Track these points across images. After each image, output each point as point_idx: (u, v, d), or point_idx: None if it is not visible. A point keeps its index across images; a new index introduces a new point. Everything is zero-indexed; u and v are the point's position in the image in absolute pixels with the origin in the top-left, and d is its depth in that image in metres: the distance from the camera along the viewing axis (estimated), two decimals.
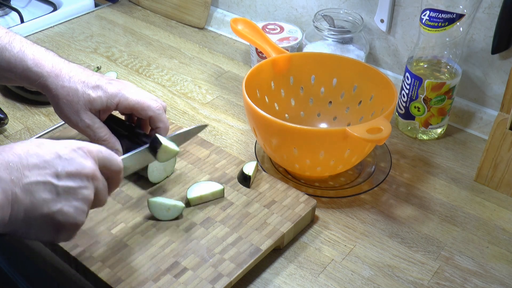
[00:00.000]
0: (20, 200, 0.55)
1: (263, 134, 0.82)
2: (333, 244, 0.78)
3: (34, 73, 0.76)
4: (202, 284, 0.67)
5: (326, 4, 1.12)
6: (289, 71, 0.93)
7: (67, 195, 0.58)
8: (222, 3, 1.31)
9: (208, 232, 0.74)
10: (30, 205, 0.56)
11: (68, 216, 0.58)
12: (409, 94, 0.94)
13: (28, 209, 0.56)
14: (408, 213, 0.83)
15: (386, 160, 0.90)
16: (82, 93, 0.77)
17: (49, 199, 0.57)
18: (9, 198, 0.54)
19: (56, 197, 0.57)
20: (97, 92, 0.77)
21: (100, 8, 1.39)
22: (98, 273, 0.68)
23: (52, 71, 0.77)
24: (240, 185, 0.82)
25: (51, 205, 0.57)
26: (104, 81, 0.79)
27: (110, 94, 0.78)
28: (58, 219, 0.57)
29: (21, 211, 0.55)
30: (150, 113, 0.79)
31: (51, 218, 0.57)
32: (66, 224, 0.58)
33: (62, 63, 0.79)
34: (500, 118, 0.84)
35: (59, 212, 0.57)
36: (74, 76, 0.77)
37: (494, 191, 0.88)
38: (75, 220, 0.59)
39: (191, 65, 1.18)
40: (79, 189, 0.59)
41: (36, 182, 0.56)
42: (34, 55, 0.77)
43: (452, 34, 0.89)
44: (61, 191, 0.57)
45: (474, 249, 0.78)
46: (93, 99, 0.77)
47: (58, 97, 0.77)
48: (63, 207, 0.57)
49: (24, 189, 0.55)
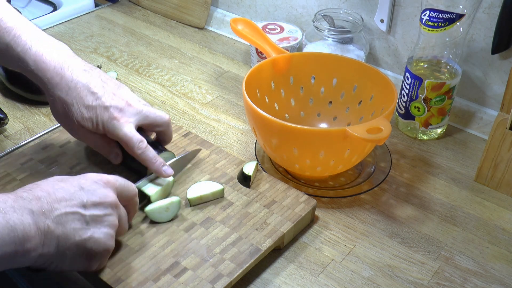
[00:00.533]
0: (52, 231, 0.58)
1: (263, 134, 0.82)
2: (333, 244, 0.78)
3: (36, 75, 0.75)
4: (202, 284, 0.67)
5: (326, 4, 1.12)
6: (289, 71, 0.93)
7: (95, 223, 0.62)
8: (222, 3, 1.31)
9: (208, 232, 0.74)
10: (62, 235, 0.59)
11: (98, 242, 0.62)
12: (409, 94, 0.94)
13: (60, 239, 0.59)
14: (408, 213, 0.83)
15: (386, 160, 0.90)
16: (76, 109, 0.75)
17: (79, 228, 0.60)
18: (41, 230, 0.57)
19: (85, 225, 0.61)
20: (89, 112, 0.75)
21: (100, 8, 1.39)
22: (98, 273, 0.68)
23: (52, 78, 0.74)
24: (240, 185, 0.82)
25: (81, 233, 0.60)
26: (101, 101, 0.75)
27: (101, 121, 0.75)
28: (90, 246, 0.61)
29: (53, 241, 0.59)
30: (157, 129, 0.81)
31: (83, 246, 0.61)
32: (97, 250, 0.62)
33: (62, 70, 0.75)
34: (500, 118, 0.84)
35: (90, 239, 0.61)
36: (73, 88, 0.75)
37: (494, 191, 0.88)
38: (105, 245, 0.63)
39: (191, 65, 1.18)
40: (105, 216, 0.63)
41: (65, 213, 0.60)
42: (36, 57, 0.74)
43: (452, 34, 0.89)
44: (89, 219, 0.61)
45: (474, 249, 0.78)
46: (85, 119, 0.75)
47: (54, 105, 0.77)
48: (93, 234, 0.61)
49: (55, 220, 0.59)
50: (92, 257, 0.63)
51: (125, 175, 0.73)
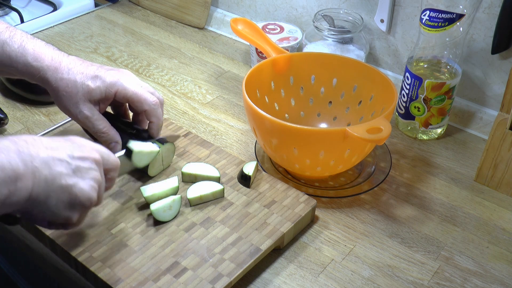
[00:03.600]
0: (39, 170, 0.59)
1: (263, 134, 0.82)
2: (333, 244, 0.78)
3: (34, 68, 0.77)
4: (202, 284, 0.67)
5: (326, 4, 1.12)
6: (289, 71, 0.93)
7: (80, 173, 0.62)
8: (222, 3, 1.31)
9: (208, 232, 0.74)
10: (49, 176, 0.59)
11: (83, 191, 0.62)
12: (409, 94, 0.94)
13: (48, 180, 0.59)
14: (408, 213, 0.83)
15: (386, 160, 0.90)
16: (81, 84, 0.78)
17: (65, 173, 0.61)
18: (29, 169, 0.58)
19: (71, 172, 0.61)
20: (96, 82, 0.78)
21: (100, 8, 1.39)
22: (98, 273, 0.68)
23: (51, 65, 0.78)
24: (240, 185, 0.82)
25: (67, 178, 0.61)
26: (103, 70, 0.80)
27: (109, 83, 0.79)
28: (75, 192, 0.61)
29: (41, 182, 0.59)
30: (146, 107, 0.80)
31: (69, 191, 0.61)
32: (82, 198, 0.62)
33: (61, 56, 0.79)
34: (500, 118, 0.84)
35: (75, 186, 0.61)
36: (73, 68, 0.78)
37: (494, 191, 0.88)
38: (89, 196, 0.63)
39: (191, 65, 1.18)
40: (90, 170, 0.63)
41: (52, 158, 0.60)
42: (34, 49, 0.78)
43: (452, 34, 0.89)
44: (75, 169, 0.62)
45: (474, 249, 0.78)
46: (92, 90, 0.78)
47: (58, 89, 0.78)
48: (78, 182, 0.62)
49: (42, 161, 0.59)
50: (74, 206, 0.62)
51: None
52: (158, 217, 0.75)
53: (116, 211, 0.76)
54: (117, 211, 0.76)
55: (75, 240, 0.72)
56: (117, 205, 0.77)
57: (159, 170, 0.83)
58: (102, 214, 0.76)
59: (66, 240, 0.72)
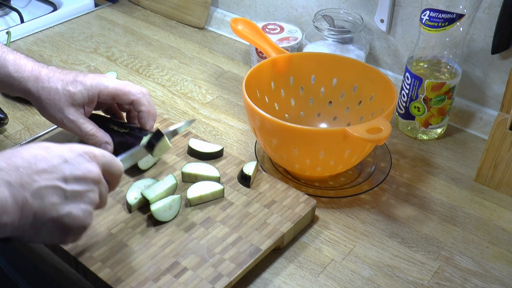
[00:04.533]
0: (29, 204, 0.56)
1: (263, 134, 0.82)
2: (333, 244, 0.78)
3: (15, 78, 0.78)
4: (202, 284, 0.67)
5: (326, 4, 1.12)
6: (289, 71, 0.93)
7: (74, 198, 0.60)
8: (222, 3, 1.31)
9: (208, 232, 0.74)
10: (39, 210, 0.57)
11: (76, 219, 0.60)
12: (409, 94, 0.94)
13: (37, 213, 0.57)
14: (408, 213, 0.83)
15: (386, 160, 0.90)
16: (62, 90, 0.78)
17: (58, 203, 0.58)
18: (19, 203, 0.55)
19: (64, 200, 0.59)
20: (77, 86, 0.79)
21: (100, 8, 1.39)
22: (98, 273, 0.68)
23: (32, 75, 0.79)
24: (240, 185, 0.82)
25: (59, 208, 0.58)
26: (81, 75, 0.81)
27: (90, 86, 0.80)
28: (67, 222, 0.59)
29: (30, 215, 0.57)
30: (132, 97, 0.81)
31: (60, 222, 0.59)
32: (74, 226, 0.60)
33: (40, 66, 0.80)
34: (500, 118, 0.84)
35: (67, 216, 0.59)
36: (53, 76, 0.79)
37: (494, 191, 0.88)
38: (82, 223, 0.61)
39: (191, 65, 1.18)
40: (86, 193, 0.61)
41: (45, 187, 0.57)
42: (15, 60, 0.79)
43: (452, 34, 0.89)
44: (69, 195, 0.59)
45: (474, 249, 0.78)
46: (73, 93, 0.79)
47: (40, 98, 0.79)
48: (71, 210, 0.59)
49: (34, 194, 0.57)
50: (67, 233, 0.61)
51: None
52: (158, 217, 0.74)
53: (116, 211, 0.76)
54: (117, 211, 0.76)
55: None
56: (117, 205, 0.77)
57: (150, 163, 0.84)
58: (102, 214, 0.76)
59: None
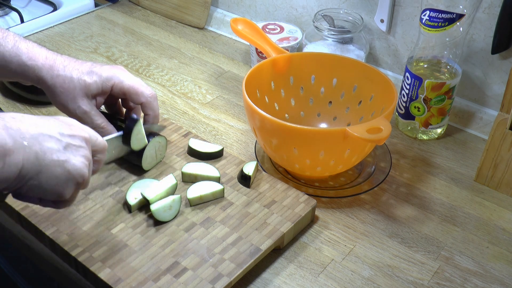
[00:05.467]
0: (29, 146, 0.58)
1: (263, 134, 0.82)
2: (333, 244, 0.78)
3: (29, 67, 0.78)
4: (202, 284, 0.67)
5: (326, 4, 1.12)
6: (289, 71, 0.93)
7: (71, 150, 0.62)
8: (222, 3, 1.31)
9: (208, 232, 0.74)
10: (40, 152, 0.59)
11: (75, 166, 0.61)
12: (409, 94, 0.94)
13: (38, 155, 0.59)
14: (408, 213, 0.83)
15: (386, 160, 0.90)
16: (77, 80, 0.78)
17: (56, 149, 0.60)
18: (18, 143, 0.57)
19: (62, 149, 0.61)
20: (92, 77, 0.79)
21: (100, 8, 1.39)
22: (98, 273, 0.68)
23: (46, 63, 0.78)
24: (240, 185, 0.82)
25: (59, 154, 0.60)
26: (98, 66, 0.81)
27: (105, 77, 0.80)
28: (68, 168, 0.61)
29: (31, 156, 0.58)
30: (142, 99, 0.81)
31: (61, 166, 0.60)
32: (74, 174, 0.61)
33: (54, 55, 0.80)
34: (500, 118, 0.84)
35: (67, 162, 0.61)
36: (68, 65, 0.79)
37: (494, 191, 0.88)
38: (82, 171, 0.62)
39: (191, 65, 1.18)
40: (80, 148, 0.63)
41: (42, 134, 0.60)
42: (28, 49, 0.78)
43: (452, 34, 0.89)
44: (66, 145, 0.61)
45: (474, 249, 0.78)
46: (89, 84, 0.79)
47: (54, 86, 0.78)
48: (70, 158, 0.61)
49: (32, 137, 0.59)
50: (67, 182, 0.61)
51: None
52: (158, 217, 0.75)
53: (116, 211, 0.76)
54: (117, 211, 0.76)
55: (75, 240, 0.72)
56: (117, 205, 0.77)
57: (153, 163, 0.84)
58: (102, 214, 0.76)
59: (66, 240, 0.72)
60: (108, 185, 0.80)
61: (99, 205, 0.77)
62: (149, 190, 0.77)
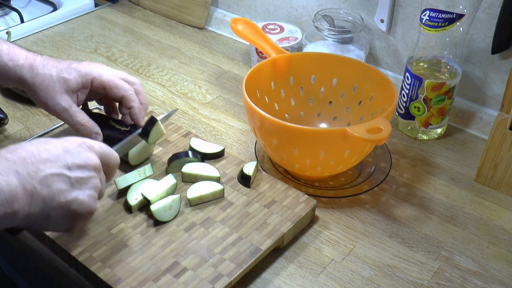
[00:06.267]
0: (38, 192, 0.59)
1: (263, 134, 0.82)
2: (333, 244, 0.78)
3: (9, 67, 0.79)
4: (202, 284, 0.67)
5: (326, 4, 1.12)
6: (289, 71, 0.93)
7: (79, 185, 0.62)
8: (222, 3, 1.31)
9: (208, 232, 0.74)
10: (48, 196, 0.60)
11: (83, 204, 0.62)
12: (409, 94, 0.94)
13: (46, 200, 0.60)
14: (408, 213, 0.83)
15: (386, 160, 0.90)
16: (56, 77, 0.79)
17: (64, 189, 0.61)
18: (28, 190, 0.58)
19: (70, 187, 0.62)
20: (71, 73, 0.80)
21: (100, 8, 1.39)
22: (98, 273, 0.68)
23: (26, 63, 0.79)
24: (240, 185, 0.82)
25: (66, 194, 0.61)
26: (76, 63, 0.82)
27: (84, 72, 0.80)
28: (74, 208, 0.62)
29: (39, 202, 0.59)
30: (123, 92, 0.82)
31: (68, 207, 0.61)
32: (81, 211, 0.63)
33: (35, 55, 0.81)
34: (500, 118, 0.84)
35: (74, 201, 0.62)
36: (47, 64, 0.80)
37: (494, 191, 0.88)
38: (89, 207, 0.63)
39: (191, 65, 1.18)
40: (89, 179, 0.63)
41: (51, 175, 0.60)
42: (9, 50, 0.79)
43: (452, 34, 0.89)
44: (74, 181, 0.62)
45: (474, 249, 0.78)
46: (68, 80, 0.79)
47: (34, 85, 0.79)
48: (78, 195, 0.62)
49: (41, 182, 0.59)
50: (75, 219, 0.63)
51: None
52: (159, 217, 0.75)
53: (116, 211, 0.76)
54: (117, 211, 0.76)
55: (75, 240, 0.72)
56: (117, 205, 0.77)
57: (142, 159, 0.85)
58: (102, 214, 0.76)
59: (66, 240, 0.72)
60: (108, 185, 0.80)
61: (99, 205, 0.77)
62: (150, 190, 0.77)
